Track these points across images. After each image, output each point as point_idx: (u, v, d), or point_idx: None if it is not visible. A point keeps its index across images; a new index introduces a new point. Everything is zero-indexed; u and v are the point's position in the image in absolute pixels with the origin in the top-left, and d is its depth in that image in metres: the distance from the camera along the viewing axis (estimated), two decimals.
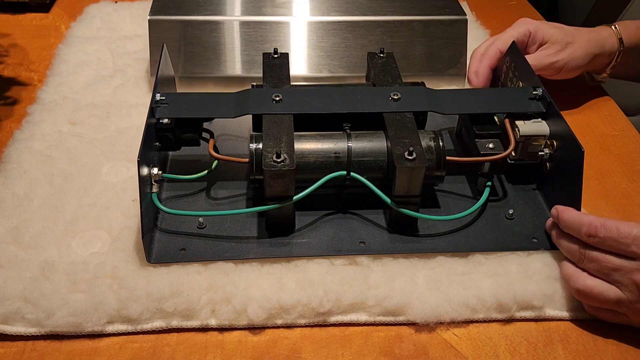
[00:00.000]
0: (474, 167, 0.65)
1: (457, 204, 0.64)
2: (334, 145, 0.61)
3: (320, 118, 0.63)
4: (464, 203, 0.64)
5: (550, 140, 0.62)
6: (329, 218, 0.62)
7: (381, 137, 0.61)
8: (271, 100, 0.63)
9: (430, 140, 0.61)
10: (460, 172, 0.67)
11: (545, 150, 0.62)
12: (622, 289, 0.51)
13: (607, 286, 0.52)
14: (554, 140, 0.62)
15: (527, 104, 0.64)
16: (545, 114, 0.63)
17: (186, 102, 0.64)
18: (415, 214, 0.59)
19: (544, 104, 0.64)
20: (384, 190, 0.59)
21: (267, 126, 0.60)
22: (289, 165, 0.56)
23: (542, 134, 0.62)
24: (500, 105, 0.65)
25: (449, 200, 0.65)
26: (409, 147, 0.58)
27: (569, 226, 0.55)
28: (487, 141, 0.63)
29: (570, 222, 0.54)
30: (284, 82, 0.67)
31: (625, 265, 0.51)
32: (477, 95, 0.68)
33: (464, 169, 0.67)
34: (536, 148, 0.63)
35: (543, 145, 0.62)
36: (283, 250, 0.59)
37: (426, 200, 0.64)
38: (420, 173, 0.57)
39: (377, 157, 0.60)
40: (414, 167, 0.57)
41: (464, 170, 0.67)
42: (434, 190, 0.65)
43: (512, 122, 0.63)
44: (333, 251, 0.58)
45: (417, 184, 0.58)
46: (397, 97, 0.64)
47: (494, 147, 0.63)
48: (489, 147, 0.63)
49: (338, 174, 0.59)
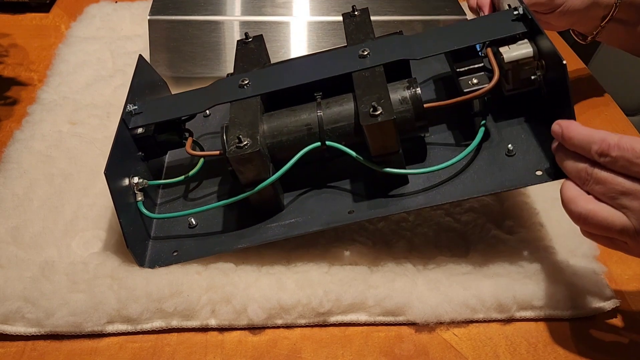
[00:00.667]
0: (463, 110, 0.60)
1: (452, 153, 0.58)
2: (306, 117, 0.57)
3: (292, 93, 0.60)
4: (454, 152, 0.58)
5: (540, 61, 0.56)
6: (314, 193, 0.60)
7: (350, 99, 0.57)
8: (237, 86, 0.61)
9: (404, 90, 0.56)
10: (453, 120, 0.62)
11: (537, 73, 0.56)
12: (629, 215, 0.46)
13: (613, 211, 0.47)
14: (543, 61, 0.56)
15: (510, 27, 0.58)
16: (530, 34, 0.57)
17: (160, 106, 0.63)
18: (401, 171, 0.56)
19: (526, 24, 0.57)
20: (364, 154, 0.56)
21: (233, 113, 0.58)
22: (252, 148, 0.54)
23: (528, 55, 0.56)
24: (480, 35, 0.59)
25: (443, 151, 0.59)
26: (372, 102, 0.53)
27: (577, 143, 0.48)
28: (470, 77, 0.58)
29: (579, 138, 0.48)
30: (258, 64, 0.65)
31: (637, 189, 0.45)
32: (455, 30, 0.61)
33: (456, 115, 0.61)
34: (529, 73, 0.56)
35: (535, 67, 0.56)
36: (273, 232, 0.57)
37: (419, 155, 0.60)
38: (390, 127, 0.53)
39: (349, 121, 0.56)
40: (381, 122, 0.52)
41: (453, 117, 0.62)
42: (424, 142, 0.60)
43: (496, 50, 0.57)
44: (324, 224, 0.56)
45: (391, 139, 0.54)
46: (365, 52, 0.60)
47: (478, 82, 0.57)
48: (473, 82, 0.57)
49: (312, 146, 0.56)
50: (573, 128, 0.49)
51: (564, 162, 0.50)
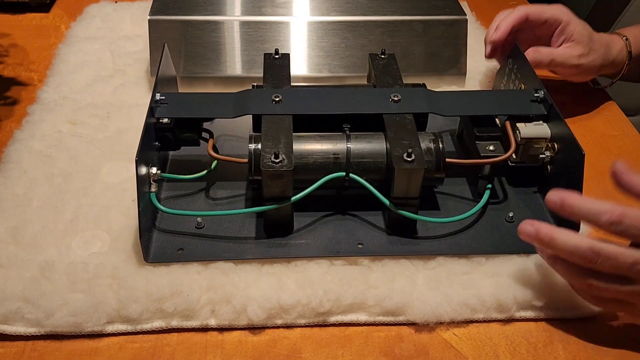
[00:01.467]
0: (474, 170, 0.65)
1: (457, 206, 0.64)
2: (333, 147, 0.61)
3: (319, 119, 0.63)
4: (464, 205, 0.64)
5: (552, 143, 0.62)
6: (327, 219, 0.62)
7: (380, 139, 0.61)
8: (271, 101, 0.63)
9: (430, 142, 0.61)
10: (461, 175, 0.67)
11: (546, 153, 0.62)
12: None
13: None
14: (555, 143, 0.62)
15: (529, 106, 0.64)
16: (547, 117, 0.63)
17: (186, 102, 0.64)
18: (414, 216, 0.59)
19: (546, 107, 0.64)
20: (382, 192, 0.59)
21: (266, 127, 0.60)
22: (287, 166, 0.56)
23: (543, 136, 0.62)
24: (501, 107, 0.65)
25: (449, 202, 0.64)
26: (407, 148, 0.57)
27: (585, 213, 0.50)
28: (488, 143, 0.63)
29: (587, 208, 0.50)
30: (284, 82, 0.67)
31: None
32: (478, 97, 0.68)
33: (465, 171, 0.67)
34: (537, 151, 0.62)
35: (544, 147, 0.62)
36: (281, 251, 0.59)
37: (426, 202, 0.64)
38: (419, 175, 0.57)
39: (376, 159, 0.60)
40: (412, 168, 0.56)
41: (464, 173, 0.67)
42: (433, 192, 0.65)
43: (513, 124, 0.63)
44: (331, 252, 0.58)
45: (416, 185, 0.58)
46: (397, 98, 0.64)
47: (494, 150, 0.63)
48: (489, 149, 0.63)
49: (337, 175, 0.59)
50: (576, 199, 0.51)
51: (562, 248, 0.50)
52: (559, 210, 0.51)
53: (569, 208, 0.51)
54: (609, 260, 0.48)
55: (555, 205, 0.52)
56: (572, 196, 0.51)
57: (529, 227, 0.52)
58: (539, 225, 0.51)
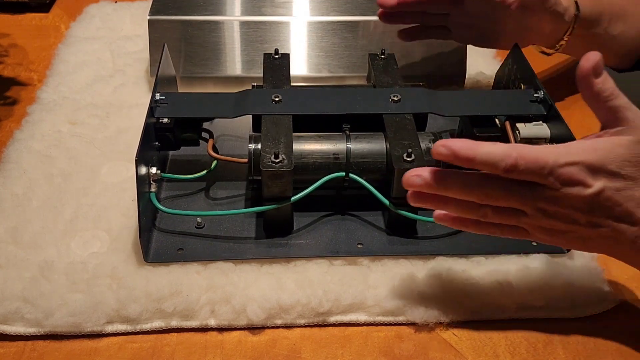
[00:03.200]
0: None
1: None
2: (333, 147, 0.61)
3: (319, 119, 0.63)
4: None
5: (551, 143, 0.62)
6: (327, 219, 0.62)
7: (380, 139, 0.61)
8: (271, 101, 0.63)
9: (430, 142, 0.61)
10: None
11: None
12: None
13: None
14: (555, 143, 0.61)
15: (528, 107, 0.64)
16: (546, 117, 0.63)
17: (186, 102, 0.64)
18: (414, 216, 0.59)
19: (545, 107, 0.64)
20: (382, 192, 0.59)
21: (266, 127, 0.60)
22: (287, 166, 0.56)
23: (543, 136, 0.62)
24: (501, 107, 0.65)
25: None
26: (407, 148, 0.58)
27: (484, 160, 0.46)
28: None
29: (482, 155, 0.46)
30: (284, 82, 0.67)
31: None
32: (478, 96, 0.68)
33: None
34: None
35: None
36: (281, 251, 0.59)
37: None
38: None
39: (375, 159, 0.60)
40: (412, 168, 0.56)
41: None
42: None
43: (513, 124, 0.63)
44: (331, 252, 0.58)
45: None
46: (397, 98, 0.64)
47: None
48: None
49: (336, 175, 0.59)
50: (469, 145, 0.46)
51: (454, 187, 0.48)
52: (453, 160, 0.47)
53: (464, 157, 0.46)
54: (525, 161, 0.46)
55: (445, 156, 0.47)
56: (462, 142, 0.46)
57: (442, 148, 0.46)
58: (451, 145, 0.46)
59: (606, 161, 0.47)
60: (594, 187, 0.47)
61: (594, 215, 0.48)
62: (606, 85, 0.49)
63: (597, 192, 0.47)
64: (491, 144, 0.47)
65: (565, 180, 0.46)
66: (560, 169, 0.46)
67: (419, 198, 0.50)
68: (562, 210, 0.48)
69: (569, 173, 0.46)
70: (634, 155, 0.47)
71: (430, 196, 0.49)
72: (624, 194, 0.48)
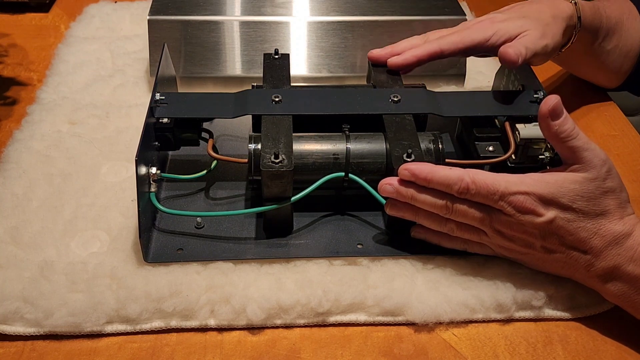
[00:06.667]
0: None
1: None
2: (333, 147, 0.61)
3: (319, 119, 0.63)
4: None
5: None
6: (326, 219, 0.62)
7: (380, 139, 0.61)
8: (270, 101, 0.63)
9: (429, 143, 0.61)
10: None
11: (545, 154, 0.62)
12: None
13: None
14: None
15: (528, 107, 0.64)
16: None
17: (186, 102, 0.64)
18: None
19: None
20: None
21: (266, 127, 0.60)
22: (287, 166, 0.56)
23: (543, 137, 0.62)
24: (501, 108, 0.65)
25: None
26: (407, 149, 0.57)
27: (440, 182, 0.53)
28: (487, 144, 0.63)
29: (439, 178, 0.53)
30: (284, 82, 0.67)
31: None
32: (478, 97, 0.67)
33: None
34: (536, 152, 0.62)
35: (543, 148, 0.62)
36: (280, 251, 0.59)
37: None
38: None
39: (375, 159, 0.60)
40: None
41: None
42: None
43: (513, 125, 0.63)
44: (330, 253, 0.58)
45: None
46: (397, 99, 0.64)
47: (493, 150, 0.63)
48: (488, 150, 0.63)
49: (336, 175, 0.59)
50: (428, 168, 0.54)
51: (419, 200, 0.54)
52: (415, 181, 0.54)
53: (422, 178, 0.53)
54: (476, 186, 0.52)
55: (407, 177, 0.54)
56: (422, 166, 0.54)
57: (404, 171, 0.54)
58: (412, 168, 0.54)
59: (557, 194, 0.52)
60: (546, 216, 0.52)
61: (548, 241, 0.53)
62: (564, 127, 0.53)
63: (548, 220, 0.52)
64: (449, 168, 0.53)
65: (518, 207, 0.52)
66: (511, 197, 0.52)
67: (394, 206, 0.56)
68: (518, 234, 0.53)
69: (520, 201, 0.52)
70: (586, 192, 0.52)
71: (404, 206, 0.56)
72: (575, 224, 0.52)
